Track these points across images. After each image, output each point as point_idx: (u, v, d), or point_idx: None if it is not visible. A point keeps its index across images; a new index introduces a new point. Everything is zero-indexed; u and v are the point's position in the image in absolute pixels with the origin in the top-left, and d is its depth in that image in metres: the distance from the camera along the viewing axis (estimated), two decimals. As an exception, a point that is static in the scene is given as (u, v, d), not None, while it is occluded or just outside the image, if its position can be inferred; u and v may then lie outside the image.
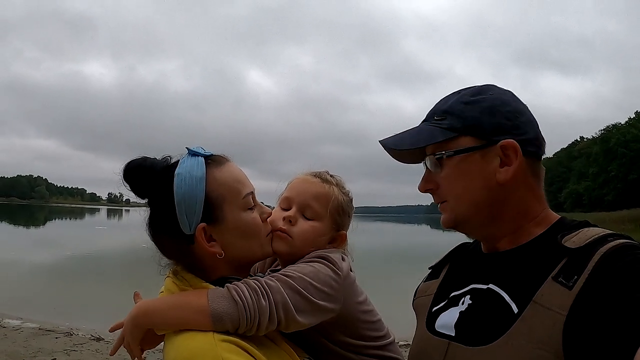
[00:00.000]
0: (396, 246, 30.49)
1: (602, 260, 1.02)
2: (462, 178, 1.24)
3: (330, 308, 1.33)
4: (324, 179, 1.54)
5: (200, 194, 1.27)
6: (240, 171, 1.38)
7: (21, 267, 15.89)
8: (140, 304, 1.29)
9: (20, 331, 7.95)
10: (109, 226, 53.83)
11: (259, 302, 1.21)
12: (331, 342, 1.42)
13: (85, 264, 17.71)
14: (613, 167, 72.45)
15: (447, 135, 1.24)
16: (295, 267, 1.35)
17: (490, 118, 1.22)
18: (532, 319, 1.05)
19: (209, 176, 1.30)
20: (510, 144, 1.19)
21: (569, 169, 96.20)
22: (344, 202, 1.54)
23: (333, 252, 1.44)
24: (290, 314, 1.24)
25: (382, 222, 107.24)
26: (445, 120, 1.26)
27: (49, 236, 34.54)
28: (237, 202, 1.32)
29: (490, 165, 1.21)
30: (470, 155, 1.22)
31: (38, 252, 20.78)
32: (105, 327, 7.06)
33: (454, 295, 1.31)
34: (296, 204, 1.49)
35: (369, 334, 1.45)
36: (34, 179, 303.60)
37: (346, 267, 1.41)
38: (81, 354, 6.88)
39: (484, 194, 1.22)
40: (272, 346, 1.28)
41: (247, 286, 1.24)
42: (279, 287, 1.25)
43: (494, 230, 1.26)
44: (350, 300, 1.40)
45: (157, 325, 1.25)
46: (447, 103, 1.29)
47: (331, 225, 1.51)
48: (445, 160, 1.24)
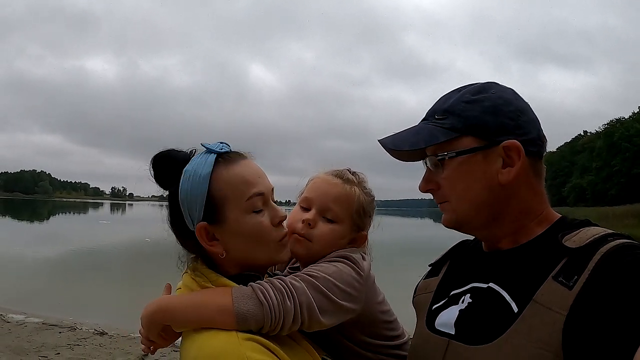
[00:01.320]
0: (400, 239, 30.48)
1: (603, 260, 1.01)
2: (464, 179, 1.22)
3: (353, 308, 1.33)
4: (346, 179, 1.50)
5: (202, 193, 1.26)
6: (253, 170, 1.32)
7: (25, 262, 15.97)
8: (159, 300, 1.27)
9: (24, 326, 7.98)
10: (112, 220, 53.99)
11: (284, 303, 1.20)
12: (350, 341, 1.42)
13: (88, 259, 17.75)
14: (616, 161, 72.28)
15: (448, 135, 1.22)
16: (319, 266, 1.33)
17: (492, 118, 1.20)
18: (532, 319, 1.05)
19: (215, 175, 1.27)
20: (513, 144, 1.18)
21: (573, 163, 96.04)
22: (366, 202, 1.51)
23: (354, 251, 1.42)
24: (314, 314, 1.24)
25: (384, 216, 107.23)
26: (447, 120, 1.23)
27: (53, 231, 34.64)
28: (240, 204, 1.27)
29: (492, 166, 1.20)
30: (472, 156, 1.20)
31: (42, 247, 20.87)
32: (109, 322, 7.07)
33: (454, 293, 1.30)
34: (316, 205, 1.47)
35: (386, 334, 1.46)
36: (38, 174, 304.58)
37: (367, 267, 1.41)
38: (85, 348, 6.89)
39: (485, 195, 1.21)
40: (293, 344, 1.27)
41: (272, 286, 1.22)
42: (304, 288, 1.24)
43: (496, 230, 1.25)
44: (371, 300, 1.40)
45: (177, 322, 1.23)
46: (447, 102, 1.26)
47: (352, 227, 1.48)
48: (446, 161, 1.23)
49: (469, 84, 1.30)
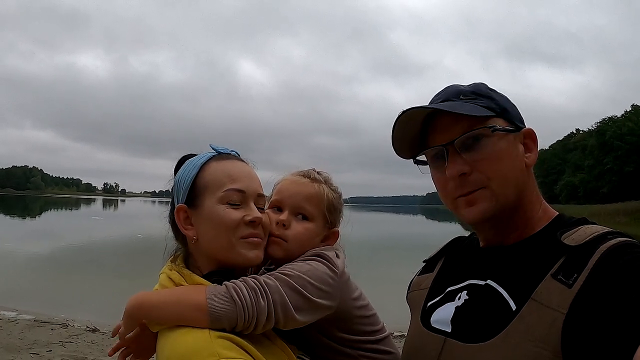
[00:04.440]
0: (393, 236, 30.54)
1: (603, 259, 1.01)
2: (505, 158, 1.19)
3: (328, 305, 1.33)
4: (313, 178, 1.53)
5: (190, 178, 1.36)
6: (240, 170, 1.39)
7: (17, 258, 15.86)
8: (137, 296, 1.28)
9: (16, 323, 7.94)
10: (105, 216, 53.72)
11: (257, 302, 1.21)
12: (327, 338, 1.42)
13: (80, 255, 17.69)
14: (608, 159, 72.52)
15: (488, 113, 1.19)
16: (293, 265, 1.35)
17: (512, 106, 1.25)
18: (530, 317, 1.04)
19: (206, 165, 1.38)
20: (531, 131, 1.24)
21: (565, 160, 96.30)
22: (335, 199, 1.54)
23: (328, 249, 1.44)
24: (289, 313, 1.24)
25: (377, 213, 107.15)
26: (481, 100, 1.22)
27: (45, 227, 34.44)
28: (216, 194, 1.34)
29: (520, 149, 1.22)
30: (507, 136, 1.20)
31: (34, 243, 20.71)
32: (101, 318, 7.04)
33: (450, 290, 1.29)
34: (288, 206, 1.49)
35: (364, 329, 1.46)
36: (30, 169, 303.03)
37: (341, 264, 1.42)
38: (77, 345, 6.87)
39: (523, 177, 1.22)
40: (267, 343, 1.28)
41: (246, 285, 1.23)
42: (277, 287, 1.25)
43: (516, 220, 1.22)
44: (346, 296, 1.40)
45: (152, 318, 1.24)
46: (461, 89, 1.26)
47: (324, 224, 1.51)
48: (484, 139, 1.17)
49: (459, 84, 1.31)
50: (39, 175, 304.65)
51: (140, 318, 1.26)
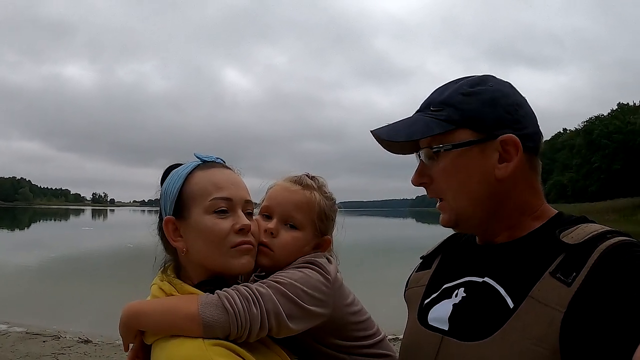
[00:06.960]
0: (384, 240, 30.56)
1: (602, 258, 1.00)
2: (459, 173, 1.19)
3: (322, 313, 1.33)
4: (305, 184, 1.49)
5: (176, 189, 1.35)
6: (226, 177, 1.37)
7: (7, 270, 15.69)
8: (131, 305, 1.28)
9: (7, 336, 7.87)
10: (94, 227, 53.35)
11: (250, 311, 1.20)
12: (322, 345, 1.42)
13: (71, 266, 17.54)
14: (596, 158, 72.83)
15: (444, 127, 1.18)
16: (285, 273, 1.33)
17: (490, 111, 1.17)
18: (528, 315, 1.04)
19: (192, 175, 1.36)
20: (510, 139, 1.16)
21: (553, 160, 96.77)
22: (327, 206, 1.50)
23: (319, 256, 1.43)
24: (282, 321, 1.24)
25: (367, 217, 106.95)
26: (443, 112, 1.20)
27: (35, 239, 34.14)
28: (203, 203, 1.32)
29: (489, 160, 1.17)
30: (468, 150, 1.17)
31: (24, 255, 20.51)
32: (93, 330, 6.99)
33: (446, 287, 1.28)
34: (277, 214, 1.46)
35: (359, 334, 1.45)
36: (18, 180, 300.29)
37: (334, 271, 1.41)
38: (69, 357, 6.81)
39: (482, 190, 1.18)
40: (263, 350, 1.27)
41: (238, 294, 1.22)
42: (270, 295, 1.24)
43: (494, 225, 1.22)
44: (339, 303, 1.40)
45: (146, 328, 1.24)
46: (444, 93, 1.23)
47: (314, 233, 1.48)
48: (442, 153, 1.19)
49: (465, 76, 1.27)
50: (27, 187, 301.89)
51: (136, 327, 1.25)
